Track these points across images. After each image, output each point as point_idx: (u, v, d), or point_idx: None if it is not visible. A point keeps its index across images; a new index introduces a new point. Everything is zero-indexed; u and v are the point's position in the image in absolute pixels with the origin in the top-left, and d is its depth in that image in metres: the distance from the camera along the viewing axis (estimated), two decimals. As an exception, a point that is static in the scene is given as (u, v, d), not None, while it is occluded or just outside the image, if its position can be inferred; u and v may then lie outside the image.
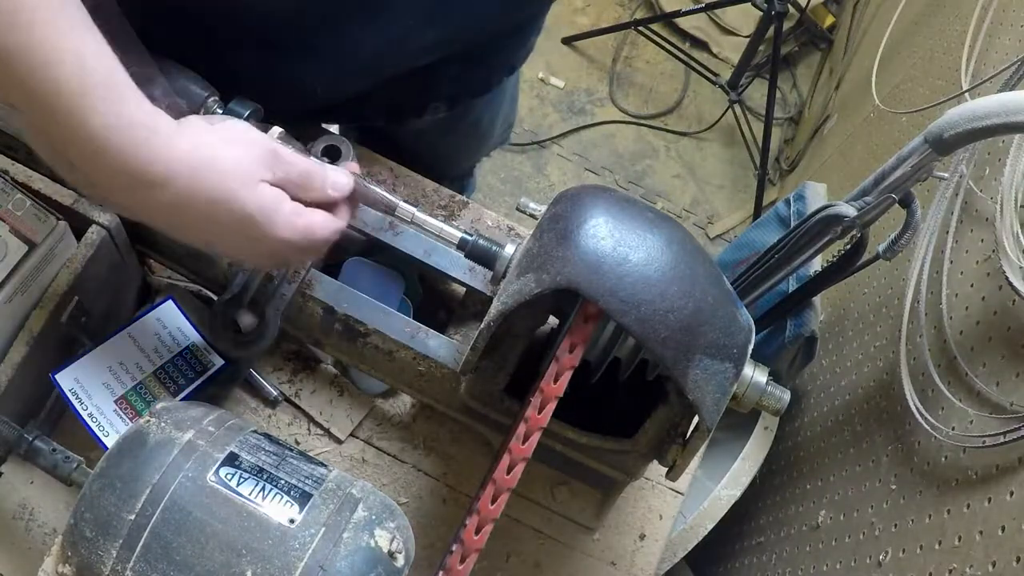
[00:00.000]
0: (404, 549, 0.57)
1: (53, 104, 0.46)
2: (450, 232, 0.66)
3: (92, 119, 0.47)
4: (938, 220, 0.90)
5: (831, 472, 1.03)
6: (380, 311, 0.74)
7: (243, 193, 0.54)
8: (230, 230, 0.55)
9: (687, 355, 0.56)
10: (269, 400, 0.83)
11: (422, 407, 0.85)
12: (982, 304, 0.81)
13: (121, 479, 0.55)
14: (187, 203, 0.52)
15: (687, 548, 1.12)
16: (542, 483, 0.84)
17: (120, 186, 0.51)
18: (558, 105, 2.27)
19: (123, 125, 0.49)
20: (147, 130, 0.50)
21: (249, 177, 0.55)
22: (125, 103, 0.49)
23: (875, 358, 1.02)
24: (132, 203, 0.53)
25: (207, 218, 0.54)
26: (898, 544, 0.80)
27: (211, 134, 0.55)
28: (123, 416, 0.69)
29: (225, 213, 0.54)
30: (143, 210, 0.53)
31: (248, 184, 0.54)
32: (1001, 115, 0.60)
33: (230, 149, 0.55)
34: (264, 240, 0.56)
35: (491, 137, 1.15)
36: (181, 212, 0.53)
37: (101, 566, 0.53)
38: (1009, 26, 1.04)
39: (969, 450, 0.75)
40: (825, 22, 2.36)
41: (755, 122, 2.24)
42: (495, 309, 0.59)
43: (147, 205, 0.53)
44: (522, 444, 0.56)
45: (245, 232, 0.55)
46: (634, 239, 0.57)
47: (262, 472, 0.56)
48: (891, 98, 1.44)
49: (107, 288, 0.75)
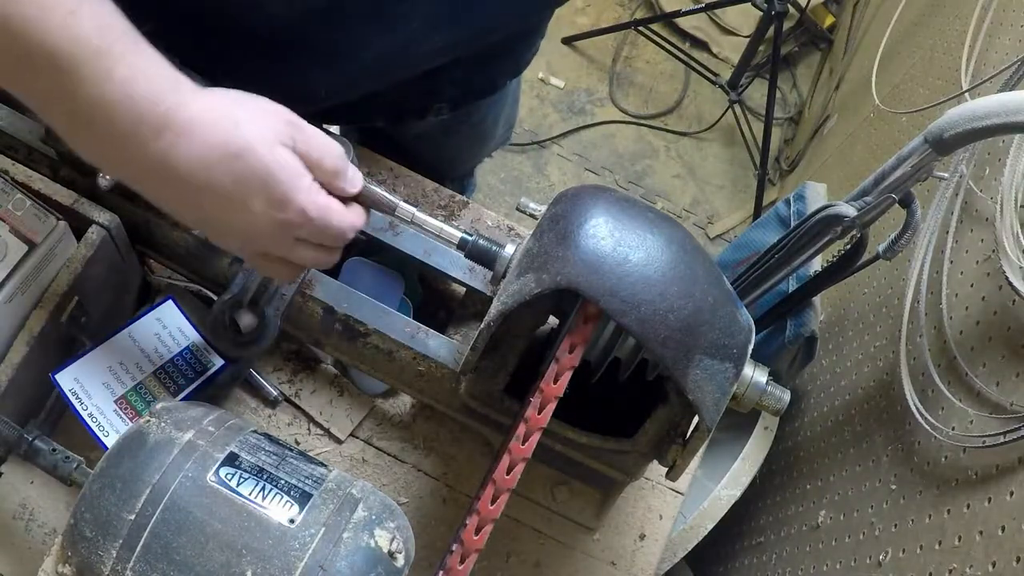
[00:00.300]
0: (404, 549, 0.57)
1: (76, 59, 0.46)
2: (450, 232, 0.66)
3: (118, 68, 0.48)
4: (938, 220, 0.90)
5: (831, 472, 1.03)
6: (380, 311, 0.74)
7: (264, 150, 0.53)
8: (248, 188, 0.53)
9: (687, 355, 0.56)
10: (269, 400, 0.83)
11: (422, 407, 0.85)
12: (982, 304, 0.81)
13: (121, 479, 0.55)
14: (210, 153, 0.51)
15: (687, 548, 1.12)
16: (542, 483, 0.84)
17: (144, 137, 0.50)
18: (558, 105, 2.27)
19: (149, 74, 0.49)
20: (171, 80, 0.50)
21: (272, 137, 0.54)
22: (147, 54, 0.50)
23: (875, 358, 1.02)
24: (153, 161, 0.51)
25: (228, 171, 0.52)
26: (898, 544, 0.80)
27: (231, 93, 0.54)
28: (123, 416, 0.69)
29: (246, 167, 0.52)
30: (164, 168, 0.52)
31: (269, 142, 0.53)
32: (1001, 115, 0.60)
33: (251, 109, 0.54)
34: (282, 205, 0.54)
35: (493, 138, 1.15)
36: (203, 166, 0.52)
37: (101, 566, 0.53)
38: (1009, 26, 1.04)
39: (969, 450, 0.75)
40: (825, 22, 2.36)
41: (755, 122, 2.24)
42: (495, 309, 0.59)
43: (169, 160, 0.51)
44: (522, 444, 0.56)
45: (265, 192, 0.53)
46: (634, 239, 0.57)
47: (262, 472, 0.56)
48: (891, 98, 1.44)
49: (107, 288, 0.75)
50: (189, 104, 0.51)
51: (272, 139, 0.54)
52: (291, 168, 0.54)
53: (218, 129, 0.52)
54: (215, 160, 0.52)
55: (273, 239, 0.57)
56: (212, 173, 0.52)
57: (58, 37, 0.46)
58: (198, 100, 0.52)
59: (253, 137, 0.53)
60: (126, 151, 0.51)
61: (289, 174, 0.54)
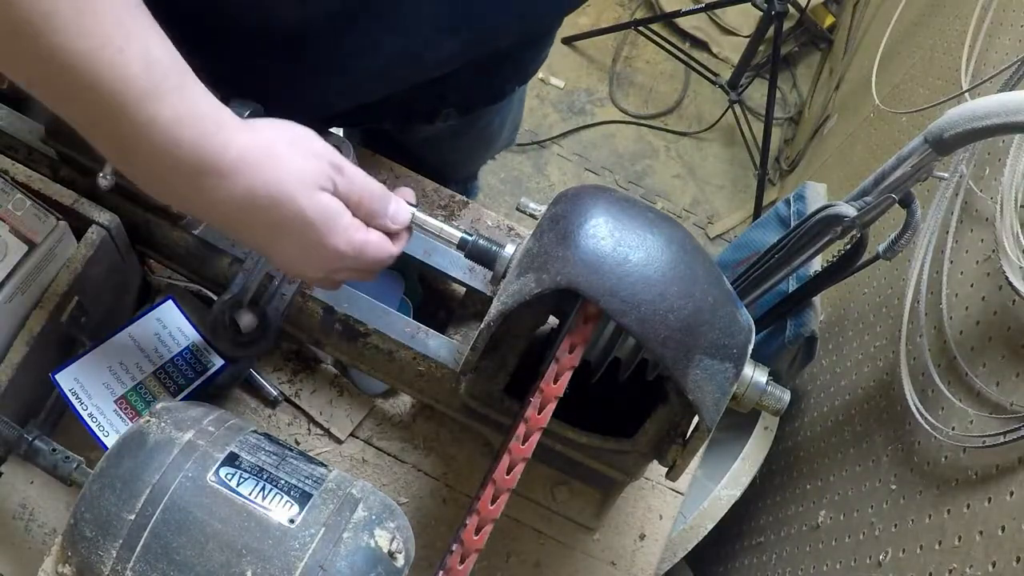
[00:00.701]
0: (404, 549, 0.57)
1: (121, 102, 0.46)
2: (450, 232, 0.66)
3: (163, 112, 0.47)
4: (938, 220, 0.90)
5: (831, 472, 1.03)
6: (380, 311, 0.74)
7: (304, 195, 0.54)
8: (287, 232, 0.55)
9: (687, 355, 0.56)
10: (269, 400, 0.83)
11: (422, 407, 0.85)
12: (982, 304, 0.81)
13: (121, 479, 0.55)
14: (250, 198, 0.52)
15: (687, 548, 1.12)
16: (542, 483, 0.84)
17: (185, 178, 0.51)
18: (558, 105, 2.27)
19: (194, 117, 0.49)
20: (215, 122, 0.50)
21: (312, 182, 0.54)
22: (193, 96, 0.49)
23: (875, 358, 1.02)
24: (194, 197, 0.52)
25: (267, 216, 0.54)
26: (898, 544, 0.80)
27: (276, 131, 0.55)
28: (123, 416, 0.69)
29: (284, 214, 0.54)
30: (205, 204, 0.53)
31: (309, 188, 0.54)
32: (1001, 115, 0.60)
33: (295, 151, 0.54)
34: (318, 249, 0.56)
35: (499, 140, 1.15)
36: (243, 208, 0.53)
37: (101, 566, 0.53)
38: (1009, 26, 1.04)
39: (969, 450, 0.75)
40: (825, 22, 2.36)
41: (755, 122, 2.24)
42: (495, 309, 0.59)
43: (210, 199, 0.52)
44: (522, 444, 0.56)
45: (302, 237, 0.55)
46: (634, 239, 0.57)
47: (262, 472, 0.56)
48: (891, 98, 1.44)
49: (107, 288, 0.75)
50: (232, 146, 0.51)
51: (312, 183, 0.55)
52: (329, 212, 0.56)
53: (257, 173, 0.52)
54: (254, 205, 0.53)
55: (311, 270, 0.59)
56: (252, 216, 0.54)
57: (105, 77, 0.45)
58: (241, 140, 0.52)
59: (292, 182, 0.53)
60: (168, 186, 0.52)
61: (326, 219, 0.55)
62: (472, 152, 1.18)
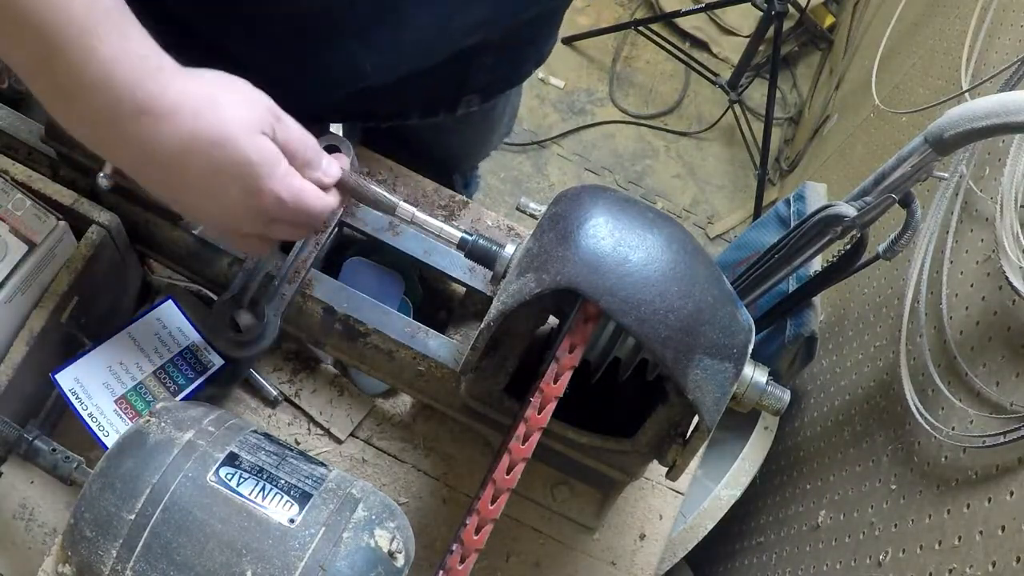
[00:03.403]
0: (404, 549, 0.57)
1: (62, 36, 0.46)
2: (450, 232, 0.66)
3: (101, 49, 0.48)
4: (938, 220, 0.90)
5: (831, 472, 1.03)
6: (380, 311, 0.74)
7: (244, 138, 0.54)
8: (225, 176, 0.54)
9: (687, 355, 0.56)
10: (269, 400, 0.83)
11: (422, 407, 0.85)
12: (982, 304, 0.81)
13: (121, 479, 0.55)
14: (189, 140, 0.52)
15: (687, 548, 1.12)
16: (542, 483, 0.84)
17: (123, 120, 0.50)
18: (558, 105, 2.27)
19: (132, 56, 0.49)
20: (155, 63, 0.50)
21: (251, 126, 0.54)
22: (133, 35, 0.49)
23: (875, 358, 1.02)
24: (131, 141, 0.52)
25: (207, 160, 0.53)
26: (898, 544, 0.80)
27: (215, 78, 0.55)
28: (123, 416, 0.69)
29: (226, 155, 0.53)
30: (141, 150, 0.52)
31: (251, 132, 0.54)
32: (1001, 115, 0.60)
33: (234, 96, 0.54)
34: (256, 196, 0.56)
35: (501, 127, 1.15)
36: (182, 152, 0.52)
37: (101, 566, 0.53)
38: (1009, 26, 1.04)
39: (969, 450, 0.75)
40: (825, 22, 2.36)
41: (755, 122, 2.24)
42: (495, 309, 0.59)
43: (147, 143, 0.52)
44: (522, 444, 0.56)
45: (241, 181, 0.55)
46: (634, 239, 0.57)
47: (262, 472, 0.56)
48: (891, 98, 1.44)
49: (107, 288, 0.75)
50: (171, 88, 0.51)
51: (253, 127, 0.54)
52: (270, 156, 0.55)
53: (199, 115, 0.52)
54: (194, 147, 0.52)
55: (248, 221, 0.58)
56: (190, 159, 0.53)
57: (47, 11, 0.46)
58: (181, 83, 0.52)
59: (234, 125, 0.53)
60: (105, 130, 0.52)
61: (266, 162, 0.55)
62: (477, 141, 1.19)
